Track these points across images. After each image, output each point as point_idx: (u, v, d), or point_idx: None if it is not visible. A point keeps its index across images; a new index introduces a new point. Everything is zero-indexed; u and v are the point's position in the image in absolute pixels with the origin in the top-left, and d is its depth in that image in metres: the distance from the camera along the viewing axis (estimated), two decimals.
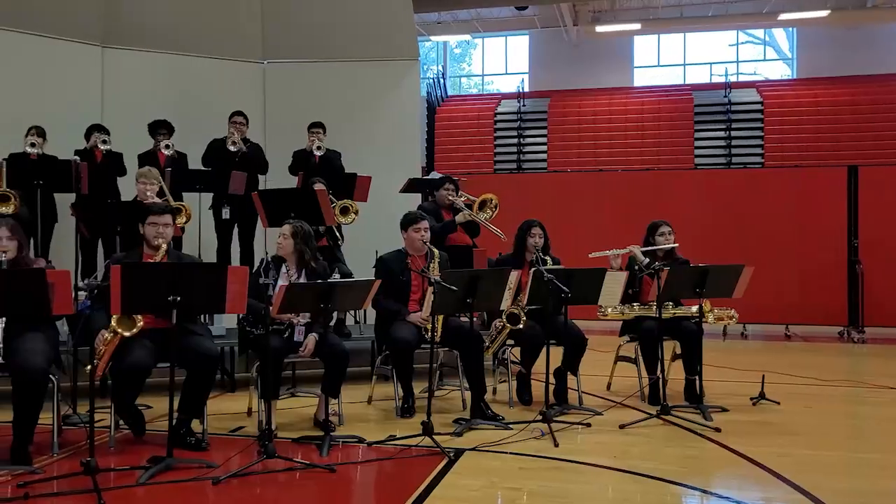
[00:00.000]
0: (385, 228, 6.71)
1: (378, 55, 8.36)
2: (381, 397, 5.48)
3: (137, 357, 4.12)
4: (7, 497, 3.49)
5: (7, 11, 7.18)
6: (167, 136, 6.98)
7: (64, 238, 6.73)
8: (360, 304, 4.58)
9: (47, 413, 4.13)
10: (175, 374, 3.99)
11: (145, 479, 3.68)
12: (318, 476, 3.83)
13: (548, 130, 18.32)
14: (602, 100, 18.91)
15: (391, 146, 8.18)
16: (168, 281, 3.84)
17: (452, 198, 6.25)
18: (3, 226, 4.22)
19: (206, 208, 6.94)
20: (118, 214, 5.54)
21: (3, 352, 3.94)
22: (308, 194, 5.76)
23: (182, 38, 8.05)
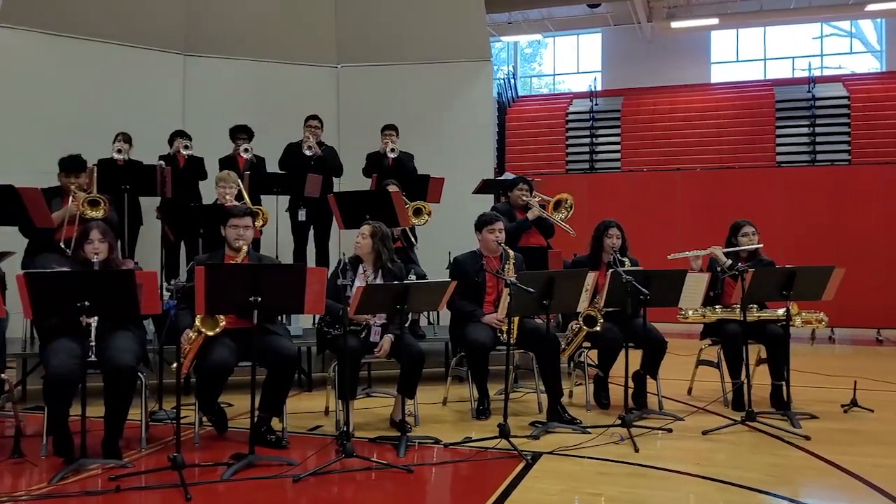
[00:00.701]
0: (458, 230, 6.73)
1: (450, 57, 8.38)
2: (455, 399, 5.47)
3: (220, 356, 4.22)
4: (98, 490, 3.63)
5: (96, 24, 7.50)
6: (247, 141, 7.15)
7: (148, 240, 6.98)
8: (435, 306, 4.57)
9: (136, 409, 4.28)
10: (256, 373, 4.07)
11: (228, 475, 3.77)
12: (394, 476, 3.84)
13: (621, 129, 18.00)
14: (678, 97, 18.47)
15: (463, 147, 8.18)
16: (249, 282, 3.92)
17: (526, 198, 6.19)
18: (95, 229, 4.40)
19: (282, 211, 7.08)
20: (200, 217, 5.69)
21: (95, 350, 4.10)
22: (383, 196, 5.80)
23: (259, 45, 8.24)
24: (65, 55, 7.43)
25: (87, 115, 7.29)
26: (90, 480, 3.75)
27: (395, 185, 6.21)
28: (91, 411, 3.92)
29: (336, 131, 8.25)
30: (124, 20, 7.65)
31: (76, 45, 7.46)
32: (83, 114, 7.31)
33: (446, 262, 6.75)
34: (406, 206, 6.02)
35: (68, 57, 7.45)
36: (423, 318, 6.77)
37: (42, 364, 4.12)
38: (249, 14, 8.21)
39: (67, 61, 7.45)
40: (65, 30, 7.40)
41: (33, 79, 7.29)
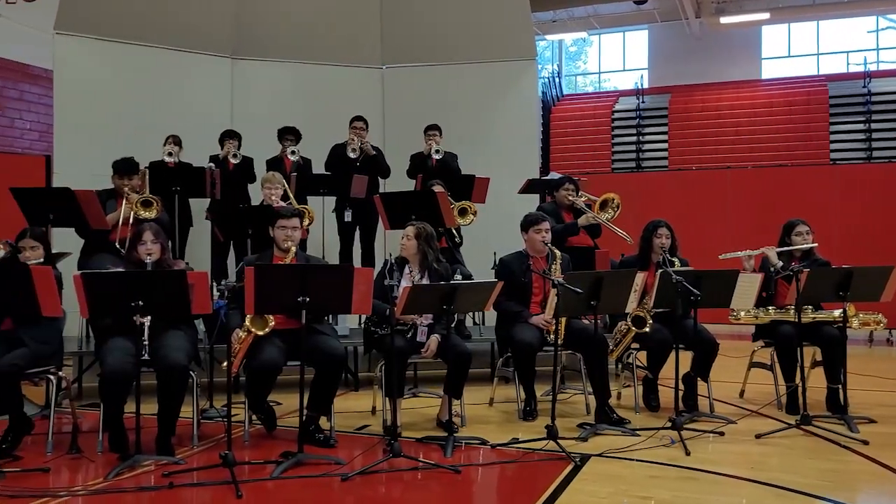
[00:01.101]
0: (503, 230, 6.70)
1: (495, 56, 8.34)
2: (501, 399, 5.44)
3: (269, 356, 4.27)
4: (152, 485, 3.70)
5: (148, 30, 7.65)
6: (294, 143, 7.22)
7: (198, 241, 7.11)
8: (482, 306, 4.56)
9: (187, 407, 4.35)
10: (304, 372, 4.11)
11: (278, 473, 3.81)
12: (442, 476, 3.84)
13: (668, 127, 17.75)
14: (728, 93, 18.12)
15: (509, 147, 8.14)
16: (297, 282, 3.96)
17: (572, 198, 6.13)
18: (148, 230, 4.50)
19: (329, 211, 7.13)
20: (249, 218, 5.77)
21: (149, 349, 4.19)
22: (428, 196, 5.80)
23: (305, 48, 8.32)
24: (117, 60, 7.60)
25: (139, 119, 7.45)
26: (144, 476, 3.83)
27: (440, 185, 6.21)
28: (145, 409, 4.00)
29: (381, 132, 8.27)
30: (174, 26, 7.79)
31: (128, 50, 7.63)
32: (135, 117, 7.47)
33: (491, 263, 6.74)
34: (451, 207, 6.01)
35: (121, 62, 7.62)
36: (468, 318, 6.76)
37: (98, 362, 4.21)
38: (295, 17, 8.29)
39: (120, 66, 7.61)
40: (117, 36, 7.57)
41: (87, 84, 7.47)
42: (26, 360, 4.17)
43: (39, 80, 11.47)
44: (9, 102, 11.39)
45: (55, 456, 4.18)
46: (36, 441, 4.40)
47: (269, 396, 4.59)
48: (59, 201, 5.33)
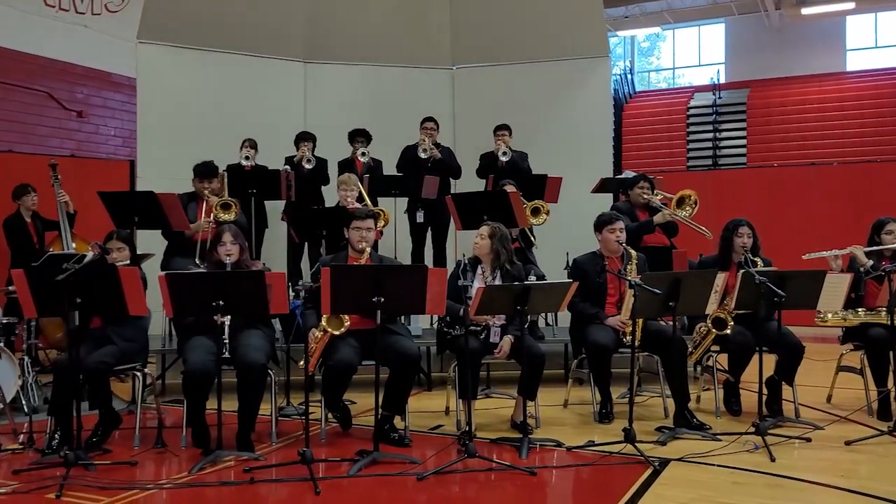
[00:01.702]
0: (576, 229, 6.61)
1: (566, 54, 8.24)
2: (576, 401, 5.37)
3: (345, 355, 4.32)
4: (232, 480, 3.79)
5: (224, 36, 7.86)
6: (364, 144, 7.30)
7: (273, 243, 7.25)
8: (556, 307, 4.51)
9: (266, 404, 4.44)
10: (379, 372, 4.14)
11: (354, 471, 3.85)
12: (517, 478, 3.81)
13: (747, 123, 17.21)
14: (810, 87, 17.46)
15: (581, 146, 8.03)
16: (372, 282, 3.99)
17: (648, 196, 6.00)
18: (227, 231, 4.61)
19: (401, 212, 7.18)
20: (324, 219, 5.85)
21: (229, 347, 4.29)
22: (500, 196, 5.77)
23: (376, 50, 8.40)
24: (196, 67, 7.83)
25: (217, 123, 7.64)
26: (226, 471, 3.93)
27: (512, 185, 6.17)
28: (226, 406, 4.10)
29: (451, 132, 8.28)
30: (250, 32, 7.98)
31: (206, 57, 7.85)
32: (213, 121, 7.67)
33: (564, 263, 6.67)
34: (524, 207, 5.97)
35: (199, 69, 7.84)
36: (540, 319, 6.69)
37: (181, 360, 4.34)
38: (366, 20, 8.37)
39: (198, 73, 7.84)
40: (196, 43, 7.80)
41: (168, 90, 7.72)
42: (114, 358, 4.34)
43: (122, 88, 11.92)
44: (94, 110, 11.87)
45: (142, 450, 4.32)
46: (123, 435, 4.56)
47: (344, 395, 4.65)
48: (144, 204, 5.53)
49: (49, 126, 11.09)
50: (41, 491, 3.60)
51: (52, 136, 11.06)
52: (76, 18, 11.54)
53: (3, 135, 10.26)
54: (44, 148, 10.43)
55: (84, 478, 3.74)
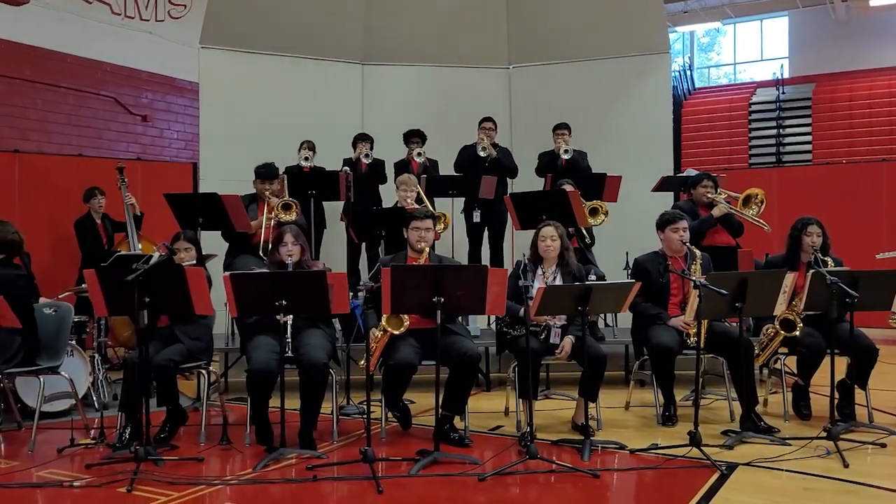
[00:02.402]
0: (635, 229, 6.53)
1: (625, 51, 8.12)
2: (637, 403, 5.28)
3: (405, 355, 4.34)
4: (296, 478, 3.83)
5: (283, 39, 7.99)
6: (419, 145, 7.32)
7: (330, 243, 7.33)
8: (618, 308, 4.44)
9: (327, 403, 4.48)
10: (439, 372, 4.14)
11: (416, 470, 3.86)
12: (579, 480, 3.77)
13: (812, 119, 16.70)
14: (880, 81, 16.83)
15: (641, 144, 7.90)
16: (432, 282, 3.99)
17: (711, 195, 5.87)
18: (289, 232, 4.67)
19: (457, 212, 7.17)
20: (383, 220, 5.88)
21: (291, 346, 4.35)
22: (559, 196, 5.72)
23: (432, 51, 8.41)
24: (256, 71, 7.98)
25: (276, 125, 7.77)
26: (289, 469, 3.98)
27: (570, 184, 6.10)
28: (288, 404, 4.15)
29: (508, 132, 8.25)
30: (308, 35, 8.08)
31: (266, 60, 7.99)
32: (272, 124, 7.80)
33: (623, 263, 6.59)
34: (583, 206, 5.90)
35: (259, 72, 7.98)
36: (600, 319, 6.61)
37: (246, 359, 4.42)
38: (423, 22, 8.40)
39: (258, 76, 7.98)
40: (256, 47, 7.94)
41: (229, 94, 7.87)
42: (182, 356, 4.45)
43: (185, 92, 12.22)
44: (158, 114, 12.19)
45: (207, 446, 4.41)
46: (188, 432, 4.67)
47: (404, 395, 4.67)
48: (207, 205, 5.65)
49: (116, 130, 11.44)
50: (113, 485, 3.70)
51: (119, 141, 11.40)
52: (141, 25, 11.87)
53: (73, 139, 10.62)
54: (111, 152, 10.77)
55: (153, 472, 3.84)
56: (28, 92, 10.20)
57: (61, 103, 10.66)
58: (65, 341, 4.88)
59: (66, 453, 4.28)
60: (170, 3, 12.30)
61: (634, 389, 5.36)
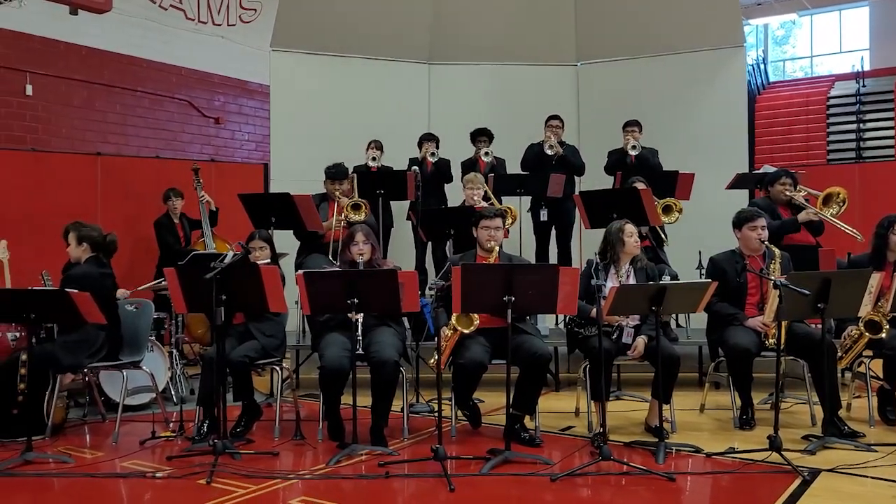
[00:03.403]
0: (709, 227, 6.37)
1: (698, 45, 7.93)
2: (712, 406, 5.15)
3: (475, 354, 4.33)
4: (368, 474, 3.86)
5: (351, 41, 8.09)
6: (487, 143, 7.30)
7: (398, 242, 7.38)
8: (693, 308, 4.33)
9: (397, 401, 4.52)
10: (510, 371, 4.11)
11: (487, 469, 3.85)
12: (653, 483, 3.70)
13: (895, 112, 15.99)
14: None
15: (714, 140, 7.70)
16: (502, 281, 3.97)
17: (790, 193, 5.67)
18: (360, 231, 4.73)
19: (524, 211, 7.12)
20: (451, 219, 5.89)
21: (362, 344, 4.40)
22: (631, 194, 5.62)
23: (499, 49, 8.38)
24: (325, 72, 8.10)
25: (345, 126, 7.86)
26: (361, 465, 4.02)
27: (642, 182, 5.99)
28: (359, 401, 4.19)
29: (576, 129, 8.16)
30: (376, 36, 8.16)
31: (335, 62, 8.10)
32: (341, 124, 7.90)
33: (696, 262, 6.44)
34: (655, 204, 5.79)
35: (328, 74, 8.10)
36: (671, 319, 6.47)
37: (318, 356, 4.48)
38: (489, 20, 8.38)
39: (328, 77, 8.10)
40: (325, 49, 8.06)
41: (299, 95, 8.01)
42: (257, 353, 4.55)
43: (256, 95, 12.49)
44: (230, 116, 12.50)
45: (281, 441, 4.50)
46: (262, 426, 4.78)
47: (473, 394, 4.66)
48: (280, 205, 5.76)
49: (190, 133, 11.78)
50: (193, 477, 3.81)
51: (193, 143, 11.74)
52: (214, 30, 12.20)
53: (151, 142, 10.99)
54: (186, 153, 11.10)
55: (231, 465, 3.94)
56: (108, 96, 10.60)
57: (138, 107, 11.05)
58: (146, 337, 5.05)
59: (147, 445, 4.43)
60: (241, 7, 12.60)
61: (709, 391, 5.22)
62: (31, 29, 9.12)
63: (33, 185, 7.85)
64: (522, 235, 6.96)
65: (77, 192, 8.07)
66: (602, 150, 7.21)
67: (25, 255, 7.16)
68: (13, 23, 8.73)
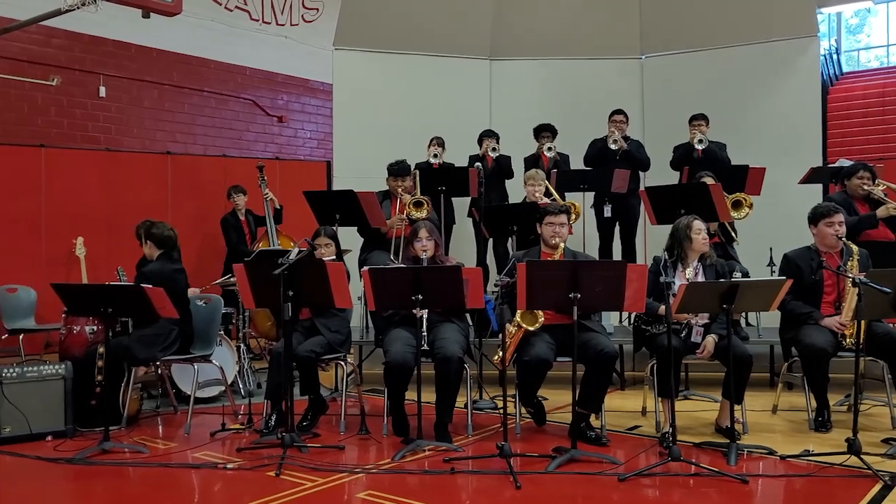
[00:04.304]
0: (780, 223, 6.19)
1: (768, 35, 7.69)
2: (785, 407, 5.01)
3: (540, 351, 4.30)
4: (433, 469, 3.87)
5: (412, 38, 8.11)
6: (550, 139, 7.24)
7: (459, 239, 7.37)
8: (766, 306, 4.21)
9: (461, 397, 4.52)
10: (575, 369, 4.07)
11: (553, 467, 3.82)
12: (723, 485, 3.61)
13: None
14: None
15: (786, 133, 7.46)
16: (568, 278, 3.93)
17: (868, 187, 5.46)
18: (423, 227, 4.74)
19: (587, 207, 7.04)
20: (514, 215, 5.86)
21: (426, 340, 4.41)
22: (700, 189, 5.49)
23: (562, 43, 8.29)
24: (387, 70, 8.14)
25: (406, 123, 7.89)
26: (426, 460, 4.03)
27: (711, 177, 5.85)
28: (423, 397, 4.20)
29: (640, 124, 8.02)
30: (437, 33, 8.16)
31: (396, 59, 8.14)
32: (402, 121, 7.93)
33: (767, 259, 6.26)
34: (725, 199, 5.64)
35: (390, 71, 8.15)
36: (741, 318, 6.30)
37: (383, 352, 4.51)
38: (551, 14, 8.29)
39: (389, 75, 8.15)
40: (387, 47, 8.11)
41: (361, 93, 8.08)
42: (322, 348, 4.62)
43: (318, 93, 12.65)
44: (293, 115, 12.68)
45: (347, 435, 4.55)
46: (327, 420, 4.83)
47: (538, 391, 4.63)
48: (344, 202, 5.82)
49: (255, 131, 12.00)
50: (262, 469, 3.88)
51: (258, 141, 11.96)
52: (277, 30, 12.39)
53: (217, 140, 11.23)
54: (250, 152, 11.31)
55: (298, 458, 4.00)
56: (176, 97, 10.86)
57: (205, 107, 11.30)
58: (216, 331, 5.18)
59: (217, 437, 4.53)
60: (303, 7, 12.77)
61: (782, 392, 5.07)
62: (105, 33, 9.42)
63: (108, 183, 8.13)
64: (586, 232, 6.89)
65: (149, 190, 8.33)
66: (667, 145, 7.08)
67: (101, 252, 7.44)
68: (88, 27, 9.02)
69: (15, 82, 8.43)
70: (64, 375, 4.58)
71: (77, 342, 5.01)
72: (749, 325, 6.31)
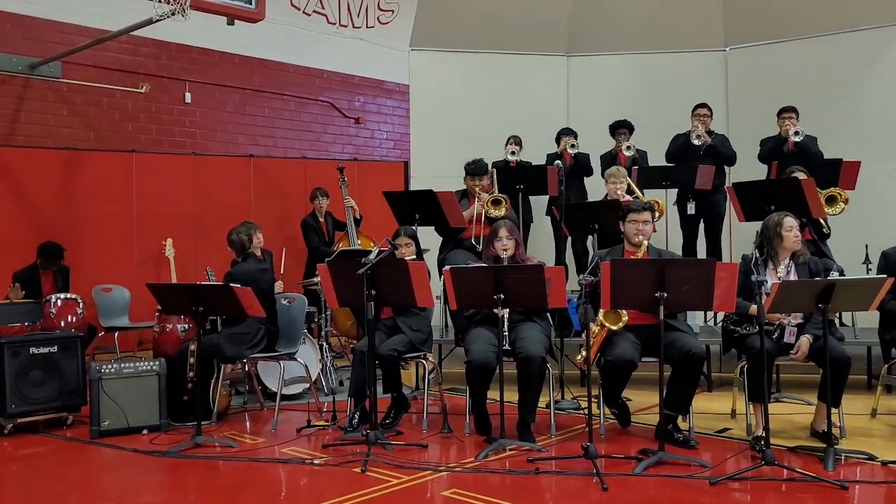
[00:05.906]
0: (877, 219, 5.93)
1: (859, 23, 7.37)
2: (885, 411, 4.78)
3: (624, 351, 4.22)
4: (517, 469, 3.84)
5: (488, 37, 8.11)
6: (627, 136, 7.11)
7: (537, 237, 7.32)
8: (865, 306, 4.01)
9: (543, 397, 4.48)
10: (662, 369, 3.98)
11: (640, 469, 3.75)
12: (819, 491, 3.47)
13: None
14: None
15: (881, 125, 7.14)
16: (653, 277, 3.84)
17: None
18: (504, 226, 4.72)
19: (670, 204, 6.88)
20: (597, 213, 5.77)
21: (508, 339, 4.39)
22: (791, 184, 5.29)
23: (641, 37, 8.15)
24: (463, 69, 8.18)
25: (482, 121, 7.90)
26: (510, 460, 4.02)
27: (802, 171, 5.62)
28: (505, 396, 4.19)
29: (725, 118, 7.80)
30: (513, 30, 8.14)
31: (472, 59, 8.17)
32: (478, 120, 7.94)
33: (862, 256, 6.01)
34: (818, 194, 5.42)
35: (466, 70, 8.18)
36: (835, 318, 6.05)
37: (465, 351, 4.52)
38: (630, 7, 8.16)
39: (465, 74, 8.18)
40: (463, 47, 8.13)
41: (437, 93, 8.14)
42: (405, 346, 4.66)
43: (393, 94, 12.74)
44: (369, 116, 12.82)
45: (429, 433, 4.58)
46: (408, 419, 4.87)
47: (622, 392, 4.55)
48: (423, 202, 5.85)
49: (333, 133, 12.18)
50: (348, 465, 3.94)
51: (335, 143, 12.14)
52: (353, 33, 12.54)
53: (296, 143, 11.45)
54: (329, 153, 11.49)
55: (383, 455, 4.04)
56: (257, 101, 11.13)
57: (285, 110, 11.53)
58: (300, 330, 5.29)
59: (303, 433, 4.63)
60: (379, 9, 12.91)
61: (881, 395, 4.84)
62: (189, 40, 9.73)
63: (194, 186, 8.41)
64: (669, 229, 6.74)
65: (233, 193, 8.58)
66: (754, 139, 6.86)
67: (188, 252, 7.70)
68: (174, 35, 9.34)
69: (107, 91, 8.78)
70: (158, 372, 4.76)
71: (170, 340, 5.21)
72: (843, 325, 6.04)
